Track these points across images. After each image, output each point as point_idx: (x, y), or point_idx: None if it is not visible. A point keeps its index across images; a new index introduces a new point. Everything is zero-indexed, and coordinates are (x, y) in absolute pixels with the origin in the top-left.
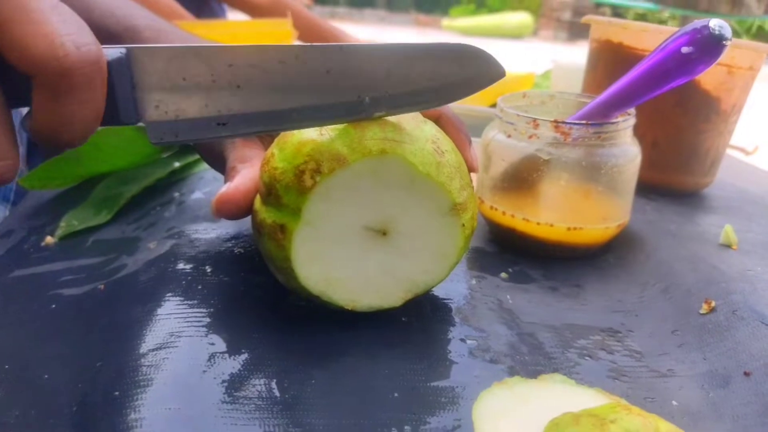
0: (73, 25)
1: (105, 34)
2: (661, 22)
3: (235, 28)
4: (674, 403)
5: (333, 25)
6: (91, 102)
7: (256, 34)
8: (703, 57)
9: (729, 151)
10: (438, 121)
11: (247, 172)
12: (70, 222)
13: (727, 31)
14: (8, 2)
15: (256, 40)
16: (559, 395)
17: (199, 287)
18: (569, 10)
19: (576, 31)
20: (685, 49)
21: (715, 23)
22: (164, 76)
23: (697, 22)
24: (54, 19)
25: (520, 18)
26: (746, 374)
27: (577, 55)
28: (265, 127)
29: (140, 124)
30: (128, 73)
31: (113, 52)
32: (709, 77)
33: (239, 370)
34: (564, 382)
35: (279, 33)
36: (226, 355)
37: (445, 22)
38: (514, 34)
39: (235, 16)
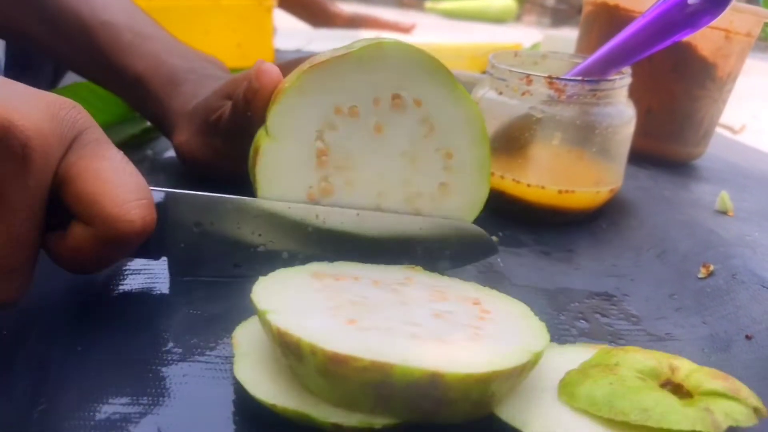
0: (140, 189)
1: (76, 23)
2: None
3: None
4: None
5: None
6: (130, 251)
7: None
8: (709, 8)
9: (717, 129)
10: None
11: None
12: None
13: None
14: (82, 157)
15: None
16: (554, 357)
17: None
18: None
19: (559, 17)
20: (691, 0)
21: None
22: (193, 220)
23: None
24: (125, 181)
25: (504, 2)
26: (748, 338)
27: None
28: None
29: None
30: (163, 213)
31: (156, 195)
32: (706, 42)
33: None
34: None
35: None
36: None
37: (428, 4)
38: (497, 19)
39: None
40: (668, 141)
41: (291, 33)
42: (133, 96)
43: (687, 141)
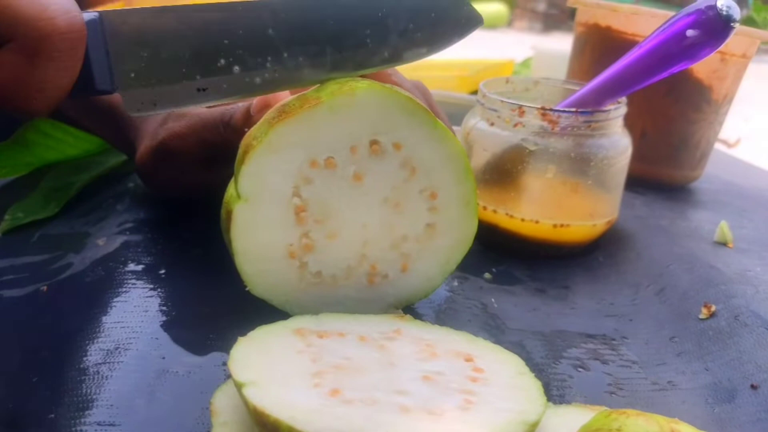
0: None
1: None
2: None
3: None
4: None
5: None
6: (68, 69)
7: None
8: (708, 40)
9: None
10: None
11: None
12: (15, 214)
13: (736, 12)
14: None
15: None
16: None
17: (151, 292)
18: (544, 1)
19: (550, 22)
20: (690, 32)
21: (723, 3)
22: (140, 42)
23: (702, 2)
24: None
25: (495, 8)
26: (753, 387)
27: (553, 44)
28: (247, 92)
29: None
30: (102, 39)
31: (86, 15)
32: (701, 65)
33: (191, 389)
34: None
35: None
36: (178, 373)
37: None
38: (489, 24)
39: None
40: (664, 165)
41: None
42: (105, 124)
43: (683, 164)
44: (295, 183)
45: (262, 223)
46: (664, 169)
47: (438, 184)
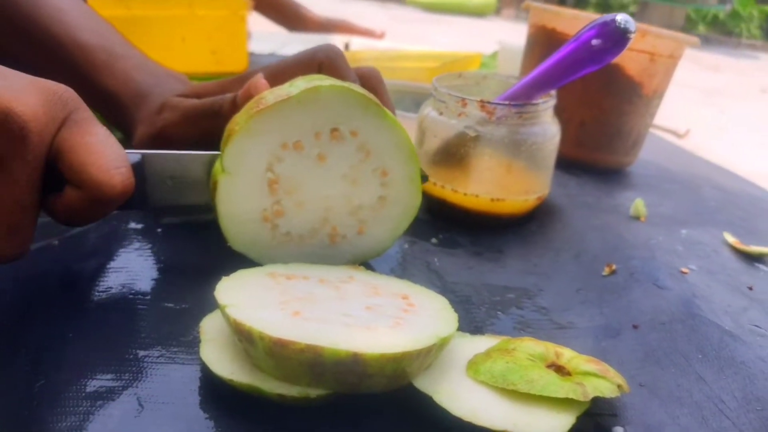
0: (121, 158)
1: (53, 44)
2: (622, 6)
3: None
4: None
5: None
6: (113, 208)
7: (208, 2)
8: (610, 47)
9: (661, 134)
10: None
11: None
12: None
13: (632, 25)
14: (72, 133)
15: (208, 7)
16: (466, 344)
17: (150, 247)
18: None
19: None
20: (594, 41)
21: (621, 17)
22: (167, 174)
23: (606, 16)
24: (109, 153)
25: None
26: (634, 327)
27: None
28: None
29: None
30: (141, 170)
31: (133, 156)
32: (632, 63)
33: (185, 318)
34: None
35: (233, 2)
36: (175, 307)
37: None
38: (477, 12)
39: None
40: (599, 151)
41: (265, 37)
42: (106, 109)
43: (617, 151)
44: (269, 161)
45: (241, 192)
46: (599, 154)
47: (388, 164)
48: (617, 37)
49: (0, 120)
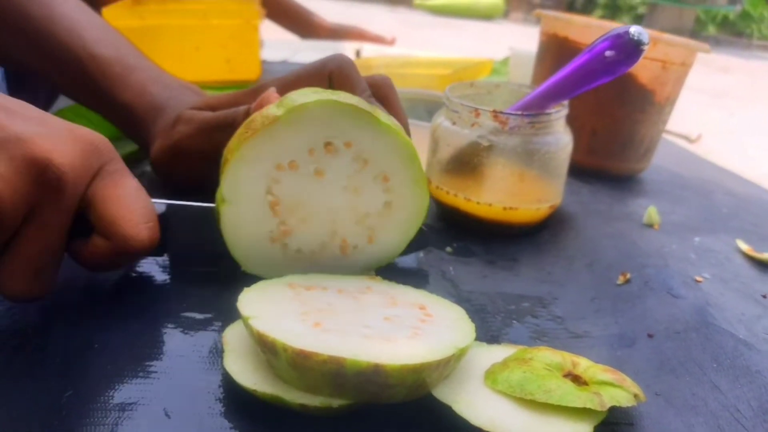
0: (150, 213)
1: (69, 56)
2: (631, 8)
3: (199, 3)
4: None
5: (302, 5)
6: (138, 259)
7: (222, 11)
8: (623, 59)
9: (673, 139)
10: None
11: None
12: None
13: (645, 37)
14: (106, 185)
15: (221, 17)
16: (483, 353)
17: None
18: None
19: None
20: (608, 53)
21: (635, 29)
22: (189, 224)
23: (619, 28)
24: (138, 207)
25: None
26: (649, 336)
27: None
28: None
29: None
30: (164, 220)
31: (159, 206)
32: (644, 72)
33: (207, 329)
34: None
35: (246, 11)
36: (197, 318)
37: (417, 0)
38: (485, 15)
39: None
40: (611, 158)
41: (278, 44)
42: (121, 121)
43: (629, 158)
44: (267, 184)
45: (244, 219)
46: (611, 162)
47: (388, 169)
48: (630, 49)
49: (40, 169)
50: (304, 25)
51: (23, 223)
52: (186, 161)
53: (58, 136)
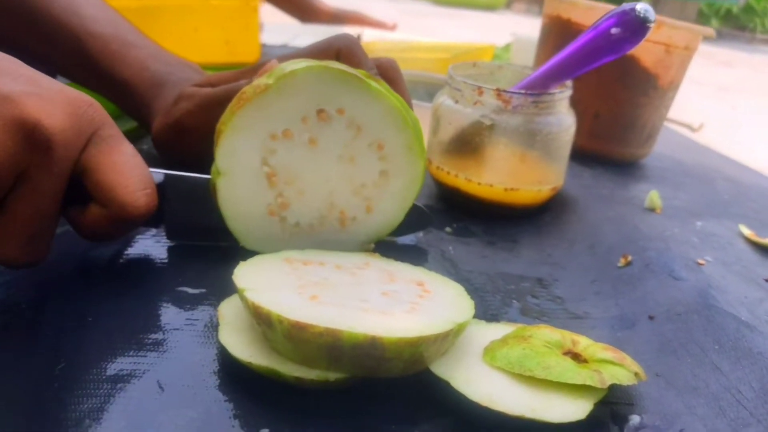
0: (147, 179)
1: (67, 35)
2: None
3: None
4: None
5: None
6: (135, 227)
7: None
8: (629, 37)
9: (676, 127)
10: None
11: None
12: None
13: (651, 14)
14: (100, 151)
15: (226, 3)
16: (482, 331)
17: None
18: None
19: None
20: (614, 30)
21: (641, 6)
22: (187, 196)
23: (625, 5)
24: (135, 173)
25: None
26: (650, 318)
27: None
28: None
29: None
30: (162, 190)
31: (157, 176)
32: (648, 55)
33: (202, 303)
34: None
35: None
36: (191, 293)
37: None
38: (487, 6)
39: None
40: (613, 143)
41: (278, 28)
42: (121, 98)
43: (631, 143)
44: (262, 155)
45: (241, 191)
46: (614, 146)
47: (382, 136)
48: (636, 26)
49: (28, 130)
50: (304, 10)
51: (15, 186)
52: (188, 138)
53: (49, 97)
